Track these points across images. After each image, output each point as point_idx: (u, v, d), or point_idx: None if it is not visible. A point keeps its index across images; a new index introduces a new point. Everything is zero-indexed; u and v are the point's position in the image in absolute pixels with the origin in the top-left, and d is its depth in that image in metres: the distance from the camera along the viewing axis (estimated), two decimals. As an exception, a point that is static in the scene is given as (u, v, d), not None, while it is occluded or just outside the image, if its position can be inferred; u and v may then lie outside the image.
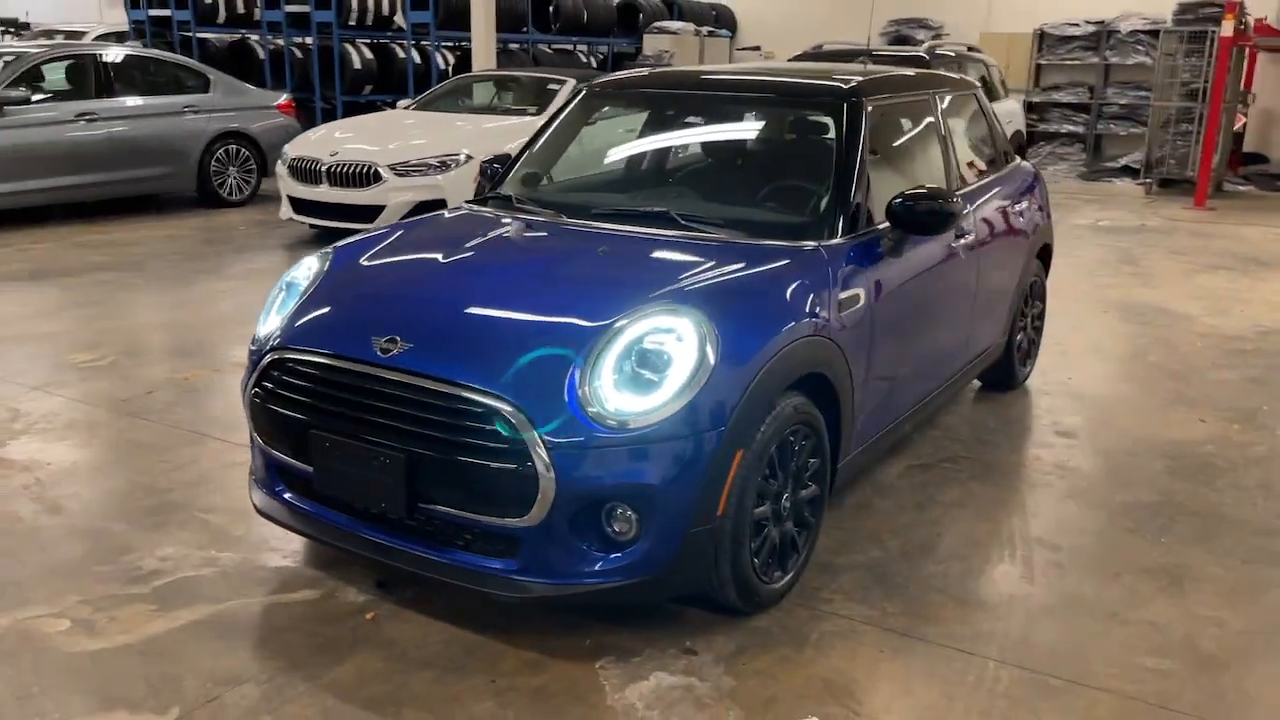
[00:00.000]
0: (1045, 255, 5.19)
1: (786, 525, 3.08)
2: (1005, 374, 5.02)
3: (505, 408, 2.62)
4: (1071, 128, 15.27)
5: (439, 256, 3.37)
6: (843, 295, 3.23)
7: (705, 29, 15.99)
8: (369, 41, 13.62)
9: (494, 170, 4.21)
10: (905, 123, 4.17)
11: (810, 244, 3.31)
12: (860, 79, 3.89)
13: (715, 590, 2.90)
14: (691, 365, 2.70)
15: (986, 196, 4.44)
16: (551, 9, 14.58)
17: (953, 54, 9.61)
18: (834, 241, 3.36)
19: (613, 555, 2.70)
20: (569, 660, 2.81)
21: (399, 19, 13.21)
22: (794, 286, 3.10)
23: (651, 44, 15.36)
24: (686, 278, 3.02)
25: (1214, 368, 5.67)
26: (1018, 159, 5.16)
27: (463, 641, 2.89)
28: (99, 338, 5.76)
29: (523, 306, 2.97)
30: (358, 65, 13.29)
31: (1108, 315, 6.76)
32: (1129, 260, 8.62)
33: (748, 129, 4.18)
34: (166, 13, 14.53)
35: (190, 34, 14.40)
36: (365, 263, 3.36)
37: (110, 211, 9.86)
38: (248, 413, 3.13)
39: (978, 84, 4.97)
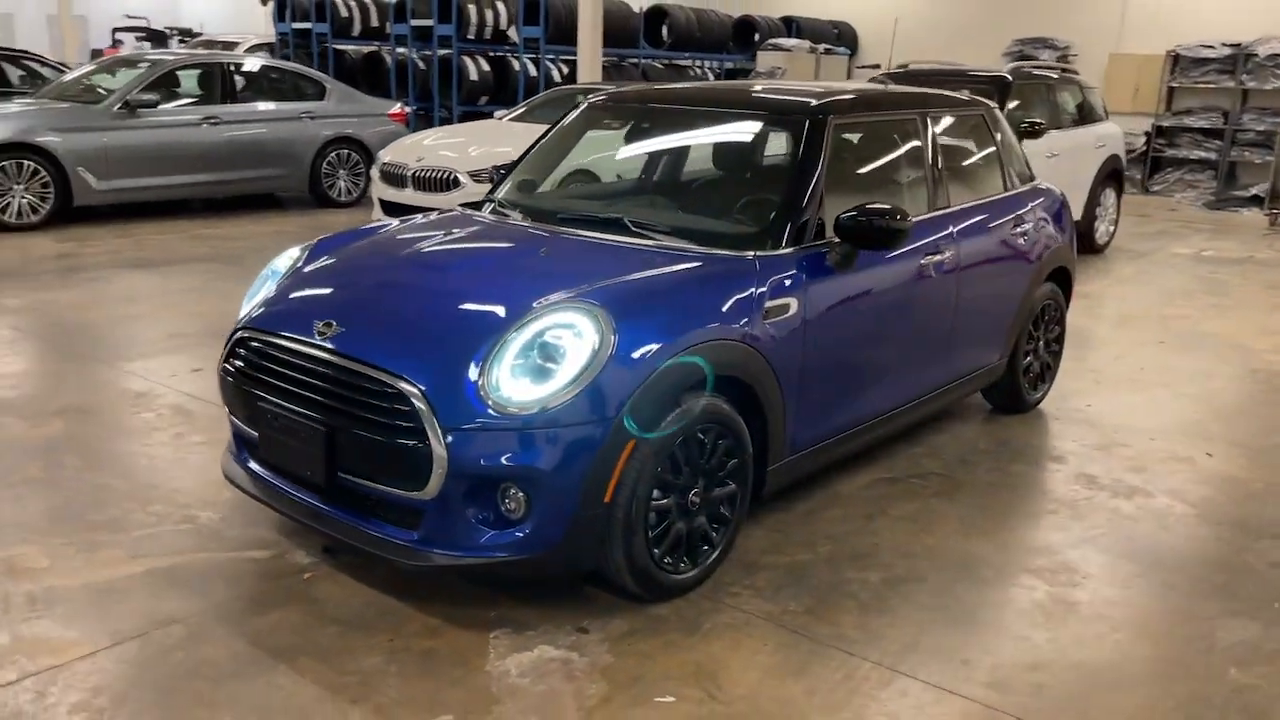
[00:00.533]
0: (1062, 278, 5.13)
1: (697, 520, 3.23)
2: (1011, 397, 5.00)
3: (410, 390, 2.87)
4: (1203, 154, 14.64)
5: (398, 251, 3.66)
6: (771, 304, 3.36)
7: (822, 46, 16.00)
8: (486, 54, 14.19)
9: (499, 174, 4.49)
10: (880, 141, 4.25)
11: (746, 253, 3.45)
12: (833, 97, 3.99)
13: (613, 575, 3.08)
14: (584, 359, 2.90)
15: (978, 217, 4.46)
16: (665, 25, 14.87)
17: (1040, 75, 9.40)
18: (772, 252, 3.49)
19: (504, 532, 2.91)
20: (468, 629, 3.03)
21: (512, 33, 13.73)
22: (712, 292, 3.26)
23: (765, 60, 15.48)
24: (607, 279, 3.21)
25: (1252, 404, 5.48)
26: (1035, 182, 5.12)
27: (380, 605, 3.15)
28: (185, 321, 6.30)
29: (450, 299, 3.22)
30: (474, 77, 13.87)
31: (1162, 345, 6.57)
32: (1216, 291, 8.30)
33: (718, 142, 4.33)
34: (308, 26, 15.45)
35: (328, 45, 15.26)
36: (333, 254, 3.68)
37: (230, 208, 10.63)
38: (219, 385, 3.48)
39: (990, 105, 4.97)
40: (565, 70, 13.86)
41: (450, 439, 2.82)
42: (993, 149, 4.86)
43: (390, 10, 14.57)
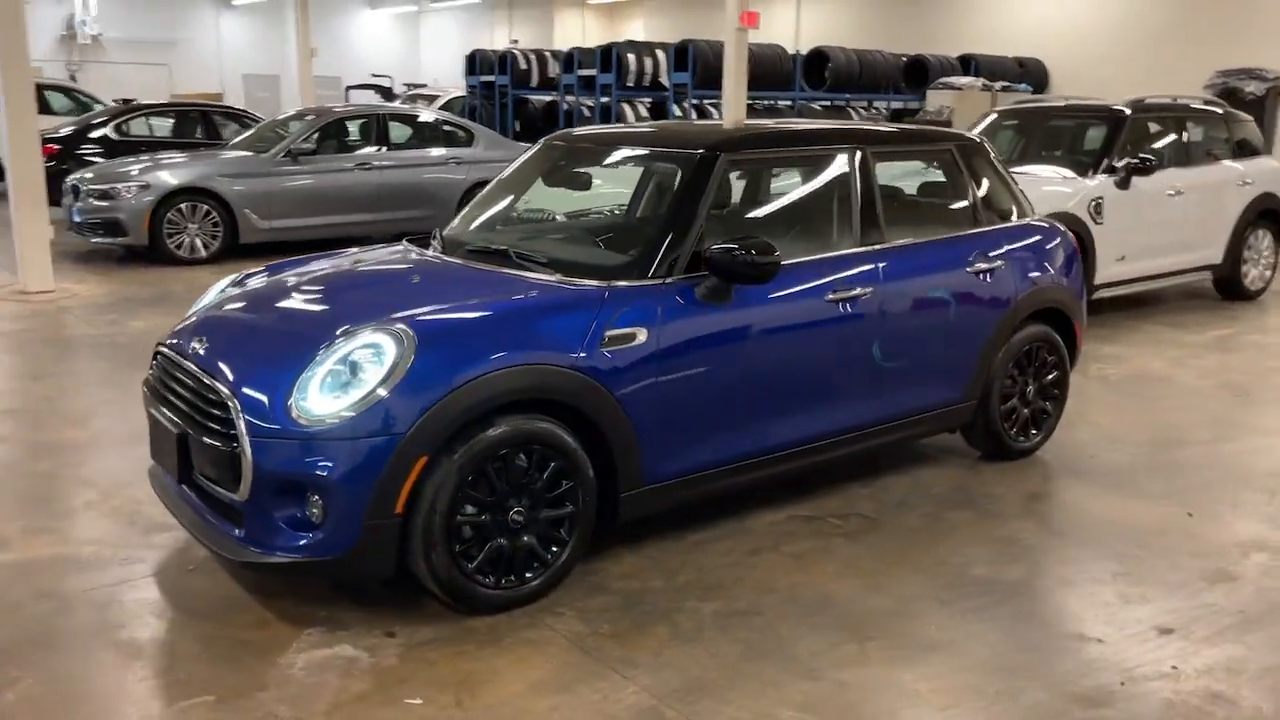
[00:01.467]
0: (1058, 320, 4.84)
1: (524, 538, 3.35)
2: (991, 442, 4.76)
3: (230, 400, 3.19)
4: None
5: (296, 279, 4.00)
6: (613, 333, 3.45)
7: (999, 84, 15.46)
8: (646, 101, 14.68)
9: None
10: (790, 177, 4.23)
11: (595, 283, 3.57)
12: (735, 135, 4.03)
13: (423, 583, 3.26)
14: (379, 378, 3.11)
15: (919, 255, 4.34)
16: (829, 67, 14.86)
17: (1169, 107, 8.74)
18: (630, 283, 3.58)
19: (305, 534, 3.16)
20: (291, 625, 3.29)
21: (664, 79, 14.15)
22: (541, 321, 3.40)
23: (934, 100, 15.13)
24: (438, 305, 3.43)
25: (1297, 463, 4.94)
26: (1029, 219, 4.88)
27: (235, 598, 3.46)
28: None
29: (302, 321, 3.53)
30: (632, 120, 14.38)
31: (1217, 403, 5.99)
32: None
33: (627, 178, 4.43)
34: (493, 79, 16.53)
35: (508, 96, 16.27)
36: (256, 279, 4.07)
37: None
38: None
39: (969, 140, 4.80)
40: (714, 113, 14.13)
41: (255, 445, 3.10)
42: (962, 185, 4.70)
43: (561, 62, 15.36)
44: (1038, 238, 4.85)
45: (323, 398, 3.14)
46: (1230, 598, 3.56)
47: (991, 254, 4.59)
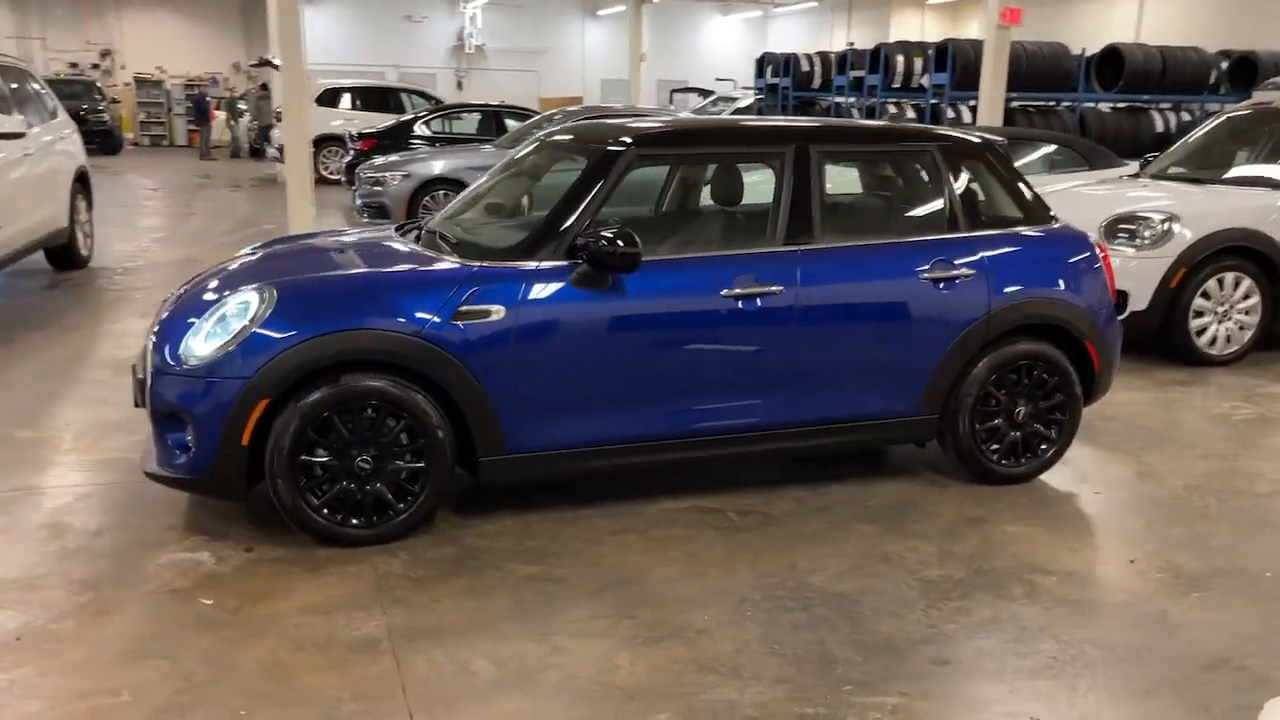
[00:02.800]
0: (1060, 337, 4.46)
1: (372, 485, 3.77)
2: (968, 462, 4.49)
3: (150, 345, 3.89)
4: None
5: (265, 253, 4.63)
6: (467, 308, 3.77)
7: (1342, 85, 13.39)
8: (914, 103, 14.30)
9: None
10: (711, 174, 4.28)
11: (463, 263, 3.91)
12: (656, 129, 4.17)
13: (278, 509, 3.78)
14: (238, 329, 3.67)
15: (859, 258, 4.23)
16: (1124, 67, 13.64)
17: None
18: (495, 264, 3.88)
19: (182, 456, 3.78)
20: (189, 532, 3.93)
21: (924, 80, 13.68)
22: (392, 293, 3.79)
23: (1260, 100, 13.40)
24: (324, 274, 3.93)
25: (1353, 526, 4.21)
26: (1046, 227, 4.54)
27: (174, 507, 4.16)
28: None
29: (225, 282, 4.14)
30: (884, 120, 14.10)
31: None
32: None
33: (570, 171, 4.61)
34: (777, 81, 16.82)
35: (789, 97, 16.50)
36: (254, 252, 4.76)
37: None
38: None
39: (959, 142, 4.52)
40: (966, 114, 13.49)
41: (155, 378, 3.78)
42: (939, 189, 4.46)
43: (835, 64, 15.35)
44: (1040, 249, 4.50)
45: (203, 343, 3.74)
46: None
47: (957, 262, 4.33)
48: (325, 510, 3.76)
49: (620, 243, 3.76)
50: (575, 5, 33.38)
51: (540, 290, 3.86)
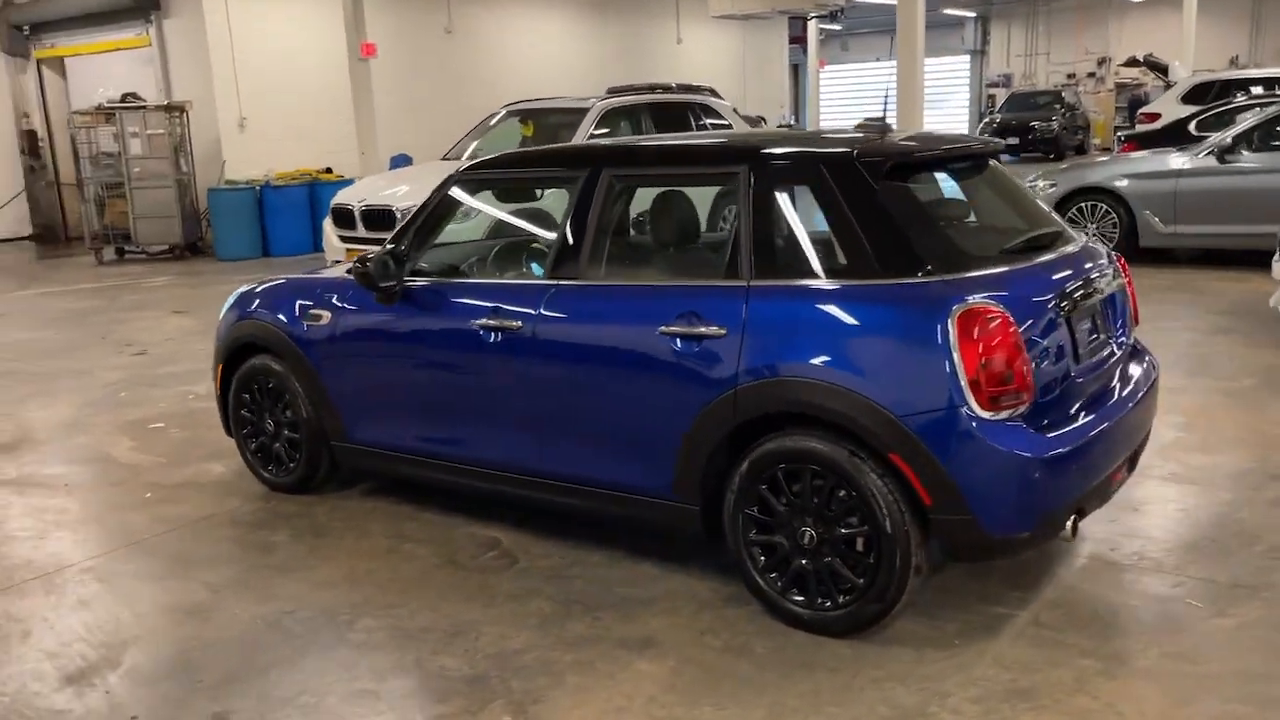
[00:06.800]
0: (861, 440, 3.10)
1: (275, 443, 4.76)
2: (746, 579, 3.46)
3: None
4: None
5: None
6: (310, 311, 4.46)
7: None
8: None
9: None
10: (515, 200, 4.00)
11: (331, 274, 4.57)
12: (495, 157, 4.18)
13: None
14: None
15: (601, 298, 3.64)
16: None
17: None
18: (345, 276, 4.44)
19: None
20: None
21: None
22: (282, 297, 4.63)
23: None
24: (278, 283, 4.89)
25: None
26: (839, 281, 3.17)
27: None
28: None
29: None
30: None
31: None
32: None
33: None
34: None
35: None
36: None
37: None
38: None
39: (770, 160, 3.32)
40: None
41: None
42: (737, 222, 3.40)
43: None
44: (841, 309, 3.17)
45: (229, 318, 5.13)
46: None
47: (707, 316, 3.35)
48: (258, 457, 4.89)
49: (361, 266, 4.06)
50: None
51: (350, 302, 4.32)
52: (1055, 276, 3.39)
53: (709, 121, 11.01)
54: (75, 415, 6.27)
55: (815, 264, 3.33)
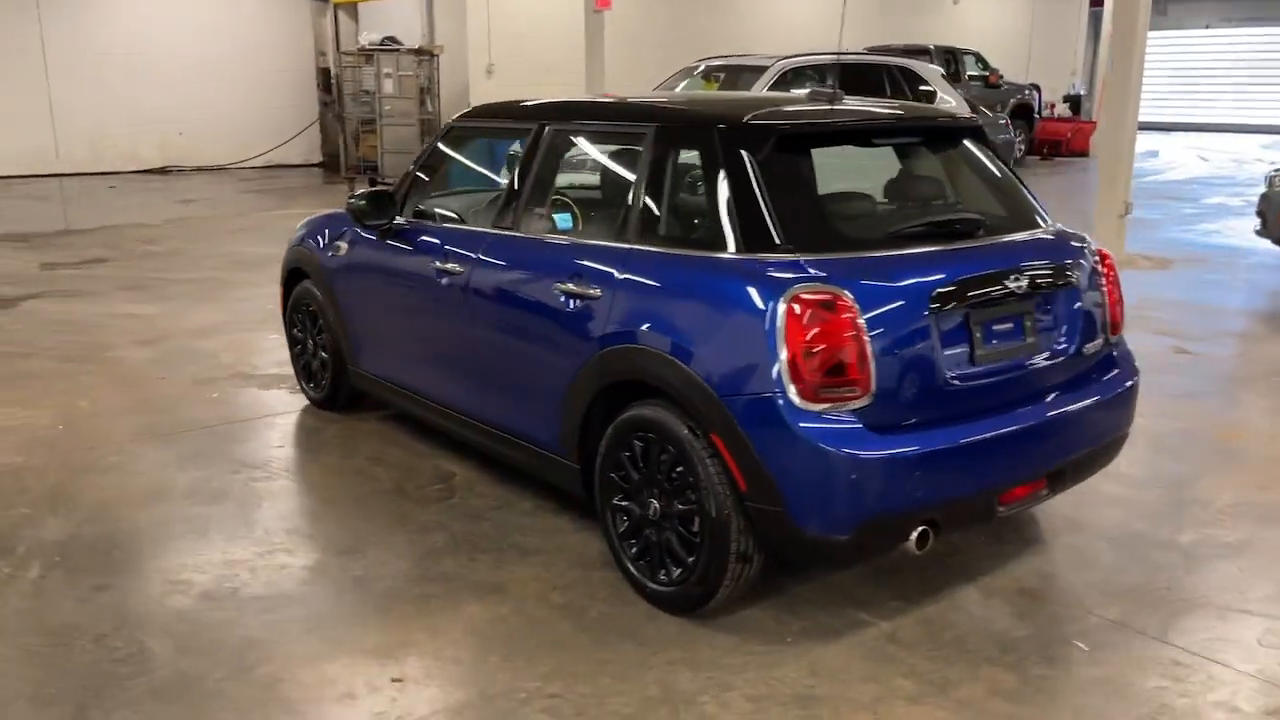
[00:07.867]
0: (695, 409, 3.02)
1: (317, 358, 5.18)
2: (609, 542, 3.46)
3: None
4: None
5: None
6: (334, 243, 4.80)
7: None
8: None
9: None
10: (494, 150, 4.10)
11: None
12: (482, 107, 4.32)
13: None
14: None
15: (520, 250, 3.72)
16: None
17: None
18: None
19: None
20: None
21: None
22: (313, 226, 5.02)
23: None
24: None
25: None
26: (706, 252, 3.02)
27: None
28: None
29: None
30: None
31: None
32: None
33: None
34: None
35: None
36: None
37: None
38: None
39: (678, 121, 3.18)
40: None
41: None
42: (631, 182, 3.34)
43: None
44: (684, 278, 3.07)
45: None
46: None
47: (589, 278, 3.33)
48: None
49: (353, 201, 4.33)
50: None
51: (361, 236, 4.59)
52: (953, 265, 3.09)
53: (911, 88, 10.52)
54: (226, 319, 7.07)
55: (686, 233, 3.23)
